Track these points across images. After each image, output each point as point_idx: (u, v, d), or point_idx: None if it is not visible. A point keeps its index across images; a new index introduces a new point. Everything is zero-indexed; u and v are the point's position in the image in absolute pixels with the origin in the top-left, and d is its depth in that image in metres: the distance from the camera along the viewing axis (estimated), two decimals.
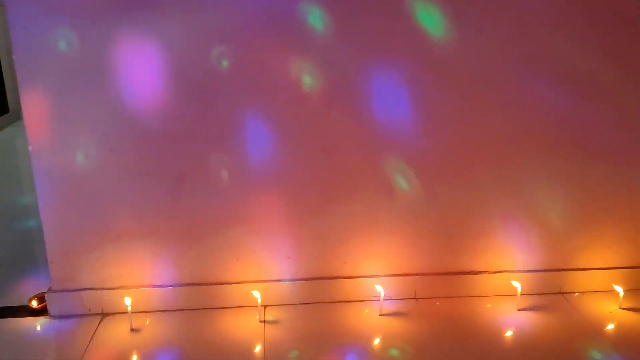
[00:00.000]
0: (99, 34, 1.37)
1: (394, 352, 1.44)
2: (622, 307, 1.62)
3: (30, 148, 1.44)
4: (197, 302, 1.61)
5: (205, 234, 1.56)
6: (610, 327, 1.56)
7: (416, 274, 1.66)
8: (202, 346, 1.46)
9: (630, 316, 1.59)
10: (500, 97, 1.51)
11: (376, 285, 1.62)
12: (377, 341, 1.49)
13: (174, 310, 1.60)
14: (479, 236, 1.64)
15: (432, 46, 1.44)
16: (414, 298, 1.67)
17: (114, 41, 1.38)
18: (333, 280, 1.64)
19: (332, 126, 1.50)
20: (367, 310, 1.61)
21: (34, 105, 1.41)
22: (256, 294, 1.57)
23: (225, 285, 1.61)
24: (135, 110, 1.44)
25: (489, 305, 1.64)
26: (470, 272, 1.67)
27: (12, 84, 4.06)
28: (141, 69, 1.41)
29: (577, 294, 1.69)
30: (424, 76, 1.47)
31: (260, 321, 1.56)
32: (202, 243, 1.57)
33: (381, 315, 1.59)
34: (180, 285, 1.60)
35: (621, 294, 1.62)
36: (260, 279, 1.62)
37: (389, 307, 1.62)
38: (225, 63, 1.42)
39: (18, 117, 4.04)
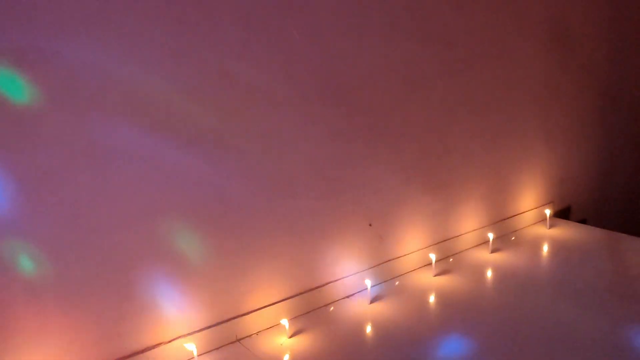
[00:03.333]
0: None
1: None
2: (290, 336, 1.78)
3: None
4: None
5: None
6: (286, 358, 1.68)
7: None
8: None
9: (299, 341, 1.75)
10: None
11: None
12: None
13: None
14: (144, 313, 1.58)
15: None
16: None
17: None
18: None
19: None
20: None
21: None
22: None
23: None
24: None
25: None
26: (143, 350, 1.59)
27: None
28: None
29: (253, 335, 1.79)
30: None
31: None
32: None
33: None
34: None
35: (287, 326, 1.78)
36: None
37: None
38: None
39: None
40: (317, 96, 1.81)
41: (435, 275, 2.15)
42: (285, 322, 1.77)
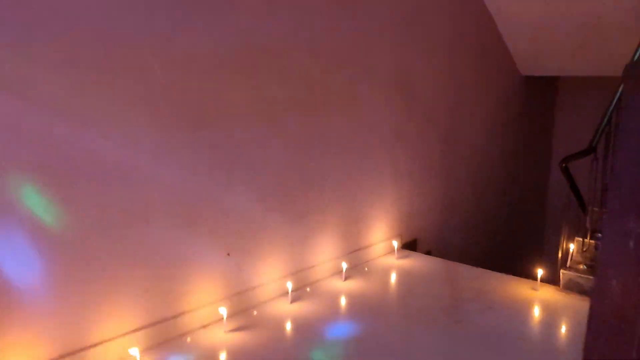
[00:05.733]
0: None
1: None
2: None
3: None
4: None
5: None
6: None
7: None
8: None
9: None
10: None
11: None
12: None
13: None
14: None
15: None
16: None
17: None
18: None
19: None
20: None
21: None
22: None
23: None
24: None
25: None
26: None
27: None
28: None
29: None
30: None
31: None
32: None
33: None
34: None
35: (137, 357, 1.75)
36: None
37: None
38: None
39: None
40: (177, 126, 1.86)
41: (291, 303, 2.24)
42: (135, 352, 1.74)
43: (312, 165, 2.39)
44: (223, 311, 2.01)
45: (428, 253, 3.05)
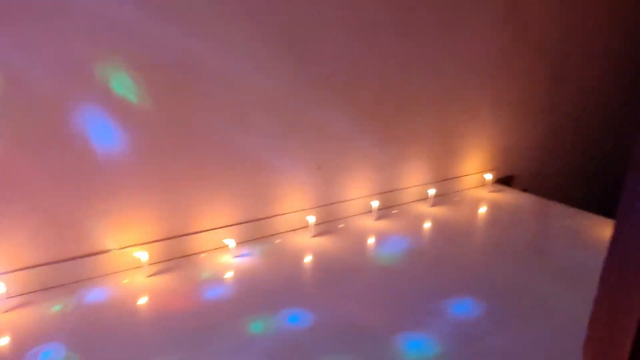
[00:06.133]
0: None
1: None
2: (235, 256, 1.96)
3: None
4: None
5: None
6: (230, 274, 1.86)
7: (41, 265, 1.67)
8: None
9: (244, 262, 1.93)
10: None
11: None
12: None
13: None
14: (103, 218, 1.74)
15: None
16: (43, 289, 1.67)
17: None
18: None
19: None
20: None
21: None
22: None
23: None
24: None
25: (125, 281, 1.77)
26: (96, 253, 1.76)
27: None
28: None
29: (200, 253, 1.96)
30: None
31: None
32: None
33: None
34: None
35: (231, 246, 1.96)
36: None
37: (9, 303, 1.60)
38: None
39: None
40: (278, 38, 1.95)
41: (376, 220, 2.35)
42: (230, 242, 1.95)
43: (408, 89, 2.40)
44: (310, 219, 2.16)
45: (524, 191, 2.98)
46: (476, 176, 2.82)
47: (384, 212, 2.43)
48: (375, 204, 2.36)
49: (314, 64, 2.07)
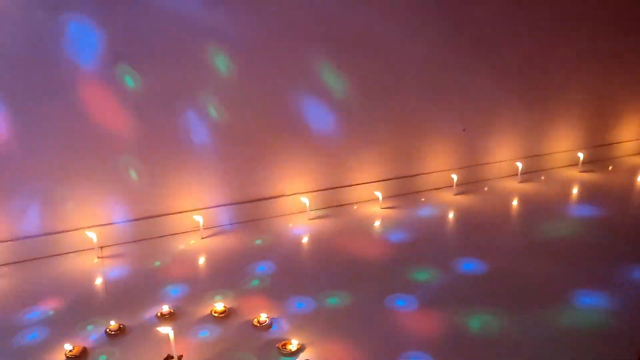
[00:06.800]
0: None
1: (210, 258, 1.83)
2: (382, 207, 2.20)
3: None
4: (34, 253, 1.83)
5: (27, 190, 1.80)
6: (376, 222, 2.11)
7: (231, 204, 2.07)
8: (42, 285, 1.70)
9: (390, 212, 2.16)
10: (267, 59, 1.96)
11: (195, 217, 1.99)
12: (202, 258, 1.86)
13: (16, 263, 1.81)
14: (275, 168, 2.09)
15: None
16: (229, 224, 2.07)
17: None
18: (159, 218, 1.97)
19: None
20: (192, 241, 1.97)
21: None
22: (91, 234, 1.85)
23: (63, 233, 1.85)
24: None
25: (290, 225, 2.11)
26: (273, 197, 2.12)
27: None
28: None
29: (353, 203, 2.24)
30: None
31: (98, 257, 1.84)
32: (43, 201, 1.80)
33: (202, 238, 1.97)
34: (17, 239, 1.81)
35: (380, 197, 2.20)
36: (94, 224, 1.89)
37: (208, 232, 2.02)
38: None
39: None
40: (430, 7, 2.11)
41: (520, 182, 2.42)
42: (378, 194, 2.20)
43: (561, 50, 2.39)
44: (453, 177, 2.32)
45: None
46: (633, 144, 2.71)
47: (529, 175, 2.48)
48: (519, 165, 2.42)
49: (459, 25, 2.19)
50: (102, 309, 1.54)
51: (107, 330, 1.41)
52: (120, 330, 1.42)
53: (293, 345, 1.32)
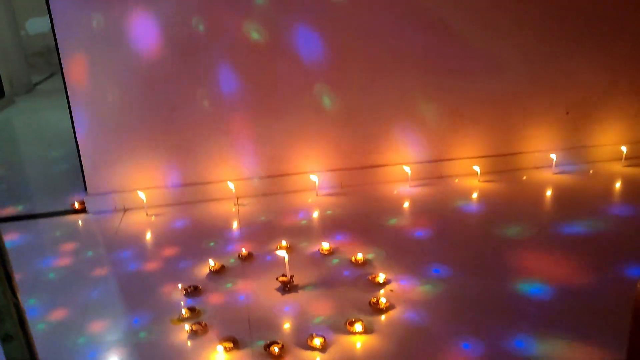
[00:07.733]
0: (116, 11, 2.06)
1: (329, 212, 2.20)
2: (481, 180, 2.40)
3: (69, 94, 2.14)
4: (191, 197, 2.33)
5: (193, 146, 2.28)
6: (474, 194, 2.33)
7: (341, 169, 2.41)
8: (195, 223, 2.18)
9: (489, 185, 2.37)
10: (385, 41, 2.25)
11: (311, 176, 2.36)
12: (317, 212, 2.23)
13: (176, 204, 2.32)
14: (382, 139, 2.39)
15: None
16: (341, 186, 2.42)
17: (127, 16, 2.07)
18: (284, 176, 2.37)
19: (275, 67, 2.22)
20: (310, 199, 2.35)
21: (74, 64, 2.11)
22: (231, 185, 2.31)
23: (210, 183, 2.33)
24: (141, 64, 2.14)
25: (395, 192, 2.40)
26: (378, 165, 2.43)
27: (8, 73, 4.60)
28: (144, 35, 2.11)
29: (453, 176, 2.46)
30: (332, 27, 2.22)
31: (235, 205, 2.29)
32: (192, 154, 2.29)
33: (318, 196, 2.35)
34: (179, 185, 2.31)
35: (478, 171, 2.41)
36: (234, 178, 2.34)
37: (323, 191, 2.38)
38: (201, 27, 2.13)
39: (12, 101, 4.59)
40: None
41: (625, 167, 2.46)
42: (477, 168, 2.41)
43: None
44: (553, 157, 2.44)
45: None
46: None
47: (635, 160, 2.51)
48: (623, 149, 2.47)
49: (564, 16, 2.30)
50: (238, 242, 1.98)
51: (239, 255, 1.84)
52: (250, 256, 1.84)
53: (380, 278, 1.64)
